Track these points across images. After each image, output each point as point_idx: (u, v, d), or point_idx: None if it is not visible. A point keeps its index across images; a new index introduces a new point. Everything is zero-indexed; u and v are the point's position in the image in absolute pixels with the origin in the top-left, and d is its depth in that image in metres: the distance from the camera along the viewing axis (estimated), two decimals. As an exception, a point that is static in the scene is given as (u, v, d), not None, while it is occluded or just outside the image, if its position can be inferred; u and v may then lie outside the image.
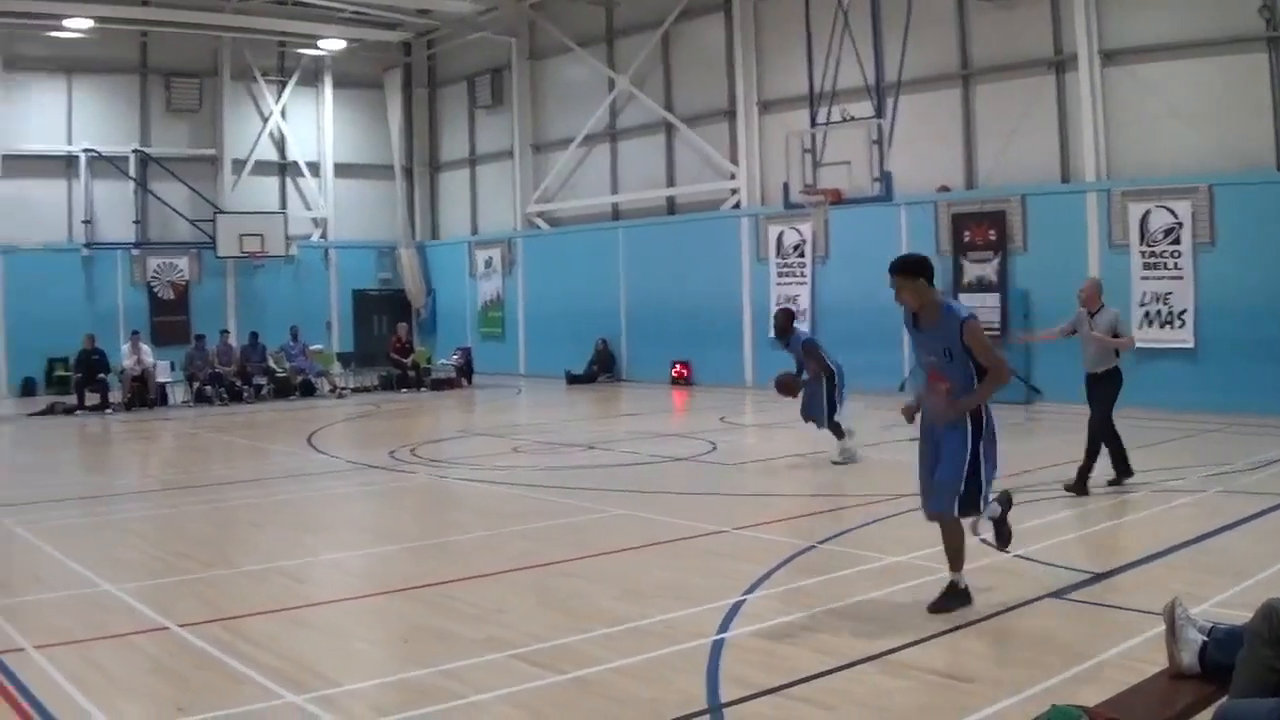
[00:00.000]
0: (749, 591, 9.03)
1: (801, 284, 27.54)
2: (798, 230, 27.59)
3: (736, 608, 8.65)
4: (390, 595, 9.63)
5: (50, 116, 33.64)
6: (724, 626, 8.16)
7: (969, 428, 8.38)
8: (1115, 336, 13.41)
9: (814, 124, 23.44)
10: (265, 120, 37.16)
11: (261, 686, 7.06)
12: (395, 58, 39.02)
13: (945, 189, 24.92)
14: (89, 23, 32.26)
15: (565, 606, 8.98)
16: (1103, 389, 13.49)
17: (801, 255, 27.70)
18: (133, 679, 7.39)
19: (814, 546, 10.73)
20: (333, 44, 36.53)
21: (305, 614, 9.06)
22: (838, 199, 22.72)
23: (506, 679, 7.13)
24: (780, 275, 27.88)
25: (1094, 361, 13.54)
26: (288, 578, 10.35)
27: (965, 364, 8.42)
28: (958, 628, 7.98)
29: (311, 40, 36.17)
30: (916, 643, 7.65)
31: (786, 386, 17.17)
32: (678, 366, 30.55)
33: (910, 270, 8.61)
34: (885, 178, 22.16)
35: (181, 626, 8.49)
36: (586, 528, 12.34)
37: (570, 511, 13.27)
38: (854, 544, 10.86)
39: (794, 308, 24.00)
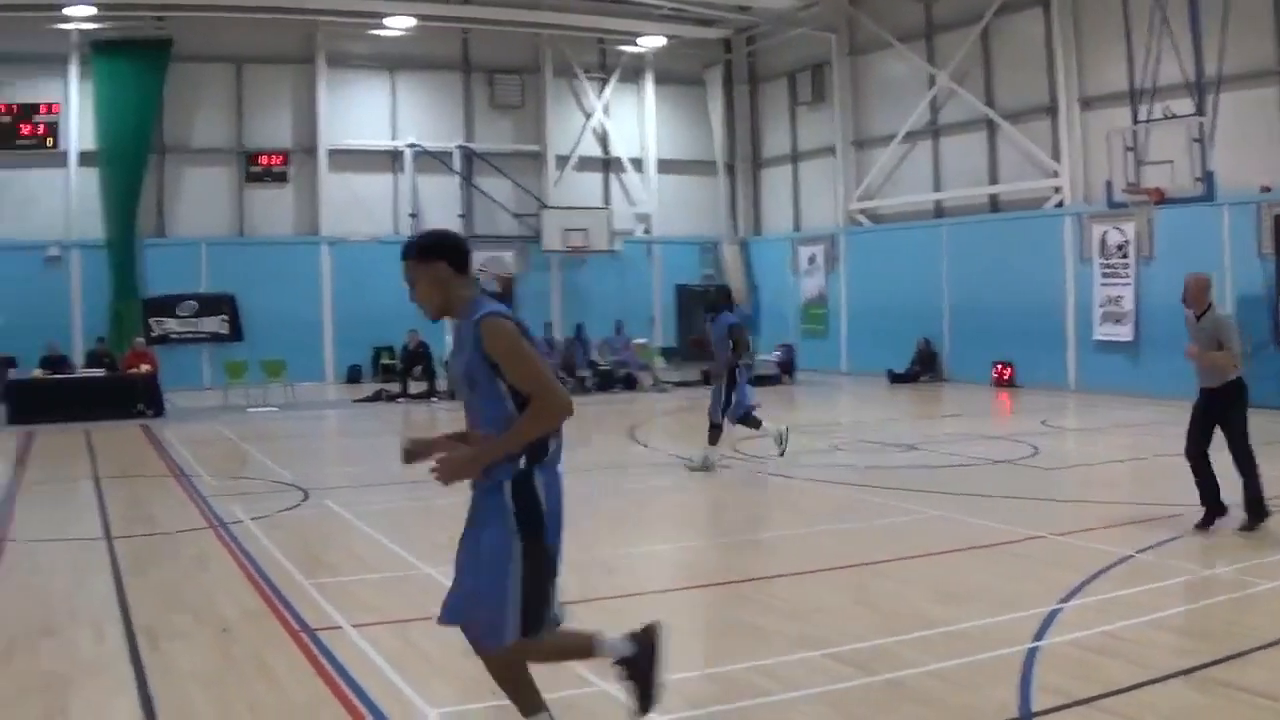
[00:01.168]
0: (1066, 599, 8.91)
1: (1125, 285, 26.71)
2: (1120, 230, 26.76)
3: (1053, 615, 8.55)
4: (704, 589, 9.82)
5: (375, 112, 35.38)
6: (1039, 634, 8.07)
7: (510, 506, 5.60)
8: (1219, 347, 11.21)
9: (1135, 121, 22.97)
10: (588, 116, 38.09)
11: (575, 674, 7.29)
12: (716, 54, 39.37)
13: (1267, 189, 23.84)
14: (411, 21, 33.80)
15: (880, 607, 9.03)
16: (1231, 410, 11.28)
17: (1125, 255, 26.86)
18: (448, 660, 7.66)
19: (1132, 555, 10.47)
20: (652, 41, 37.24)
21: (618, 604, 9.31)
22: (1160, 198, 22.30)
23: (819, 678, 7.23)
24: (1104, 275, 27.11)
25: (1207, 374, 11.43)
26: (602, 567, 10.61)
27: (497, 396, 5.54)
28: (1274, 643, 7.72)
29: (631, 37, 36.94)
30: (1231, 658, 7.43)
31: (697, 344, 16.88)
32: (1000, 367, 29.99)
33: (425, 252, 5.65)
34: (1207, 177, 21.62)
35: (500, 611, 8.80)
36: (904, 528, 12.34)
37: (888, 511, 13.28)
38: (1173, 554, 10.57)
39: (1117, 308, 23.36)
